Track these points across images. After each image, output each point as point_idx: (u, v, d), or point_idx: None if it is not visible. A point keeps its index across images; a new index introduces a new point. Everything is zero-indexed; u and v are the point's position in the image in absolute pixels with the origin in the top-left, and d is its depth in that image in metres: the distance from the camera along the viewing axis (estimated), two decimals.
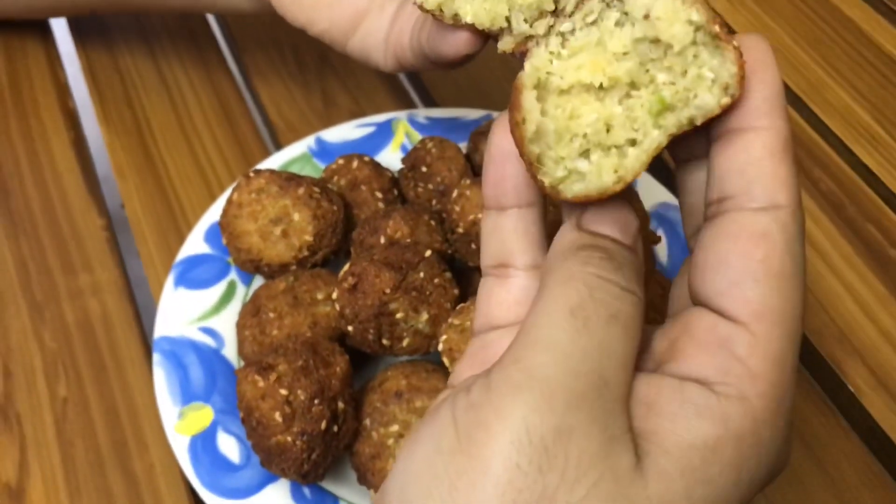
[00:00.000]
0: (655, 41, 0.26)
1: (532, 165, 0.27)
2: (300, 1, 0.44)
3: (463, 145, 0.50)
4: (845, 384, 0.46)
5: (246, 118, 0.56)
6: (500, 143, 0.28)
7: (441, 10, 0.31)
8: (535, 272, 0.29)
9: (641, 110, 0.26)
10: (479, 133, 0.49)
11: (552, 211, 0.36)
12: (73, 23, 0.60)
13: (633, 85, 0.27)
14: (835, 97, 0.58)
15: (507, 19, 0.29)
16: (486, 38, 0.31)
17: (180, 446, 0.40)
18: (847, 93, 0.59)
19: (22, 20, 0.59)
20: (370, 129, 0.52)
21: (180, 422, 0.40)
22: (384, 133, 0.52)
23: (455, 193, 0.44)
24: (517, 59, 0.29)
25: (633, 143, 0.27)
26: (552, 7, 0.28)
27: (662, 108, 0.26)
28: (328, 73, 0.59)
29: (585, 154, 0.27)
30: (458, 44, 0.35)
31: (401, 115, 0.53)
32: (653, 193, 0.48)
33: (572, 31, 0.27)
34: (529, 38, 0.29)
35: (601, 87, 0.27)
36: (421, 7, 0.31)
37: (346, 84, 0.58)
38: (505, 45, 0.30)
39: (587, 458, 0.23)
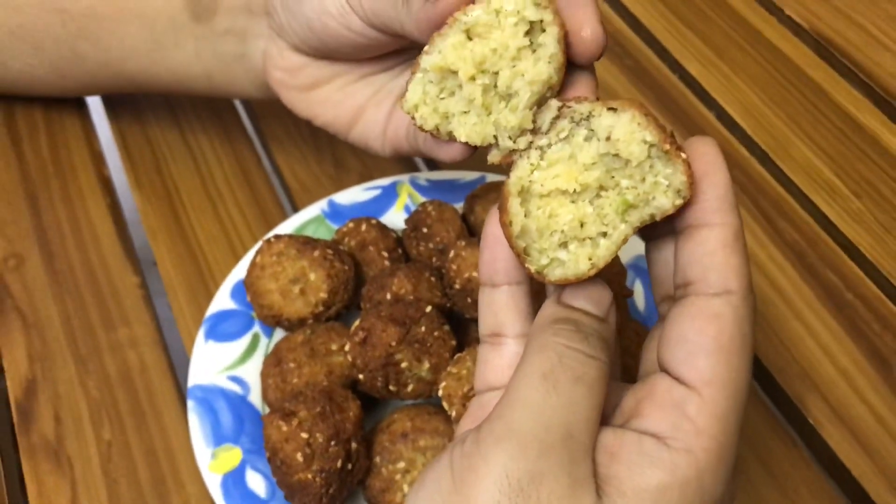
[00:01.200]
0: (617, 156, 0.31)
1: (520, 256, 0.32)
2: (306, 98, 0.50)
3: (459, 206, 0.55)
4: (806, 418, 0.51)
5: (264, 181, 0.62)
6: (492, 231, 0.34)
7: (438, 130, 0.36)
8: (524, 340, 0.34)
9: (609, 208, 0.32)
10: (474, 196, 0.55)
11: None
12: (105, 97, 0.66)
13: (602, 187, 0.32)
14: (798, 152, 0.64)
15: (495, 137, 0.35)
16: (475, 148, 0.36)
17: (214, 483, 0.45)
18: (809, 148, 0.64)
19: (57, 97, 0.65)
20: (377, 192, 0.58)
21: (213, 461, 0.46)
22: (389, 195, 0.58)
23: (452, 253, 0.49)
24: (504, 167, 0.35)
25: (603, 234, 0.32)
26: (531, 126, 0.34)
27: (627, 206, 0.32)
28: (338, 140, 0.64)
29: (564, 245, 0.32)
30: (453, 153, 0.42)
31: (404, 179, 0.59)
32: (630, 248, 0.54)
33: (549, 146, 0.33)
34: (514, 151, 0.35)
35: (574, 192, 0.32)
36: (420, 127, 0.36)
37: (354, 148, 0.63)
38: (493, 157, 0.35)
39: (555, 498, 0.28)
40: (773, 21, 0.73)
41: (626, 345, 0.47)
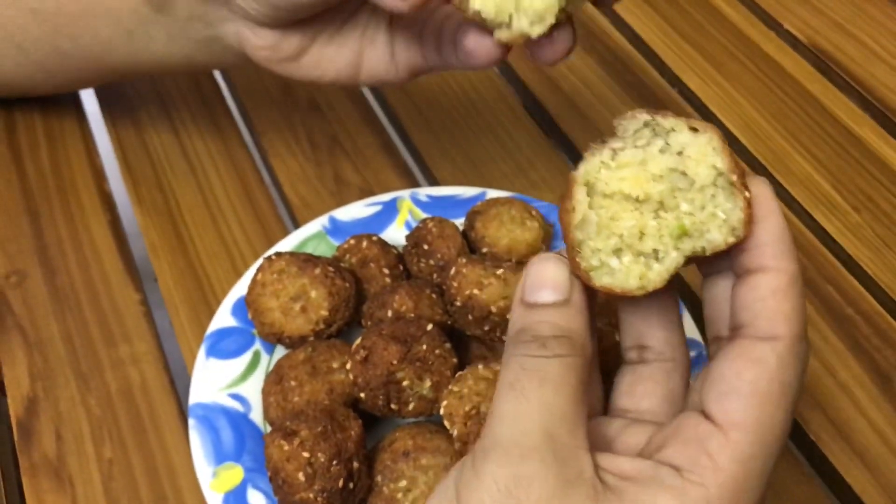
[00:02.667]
0: (684, 174, 0.31)
1: (572, 249, 0.32)
2: (300, 65, 0.52)
3: (460, 222, 0.55)
4: (807, 433, 0.51)
5: (265, 196, 0.62)
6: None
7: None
8: None
9: (665, 230, 0.32)
10: (475, 212, 0.55)
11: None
12: (106, 111, 0.67)
13: (662, 205, 0.32)
14: (797, 166, 0.64)
15: (510, 17, 0.33)
16: (507, 49, 0.35)
17: (215, 502, 0.45)
18: (808, 162, 0.64)
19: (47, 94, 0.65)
20: (377, 208, 0.58)
21: (214, 480, 0.46)
22: (390, 211, 0.58)
23: (453, 270, 0.49)
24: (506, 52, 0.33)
25: (656, 255, 0.32)
26: (553, 20, 0.33)
27: (682, 233, 0.31)
28: (339, 154, 0.65)
29: (618, 253, 0.32)
30: (481, 49, 0.41)
31: (404, 195, 0.59)
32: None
33: (622, 149, 0.33)
34: (523, 35, 0.33)
35: (637, 199, 0.32)
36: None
37: (355, 163, 0.64)
38: (501, 34, 0.34)
39: (545, 498, 0.29)
40: (773, 35, 0.74)
41: (611, 368, 0.47)
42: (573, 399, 0.30)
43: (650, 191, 0.32)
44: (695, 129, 0.32)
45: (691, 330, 0.51)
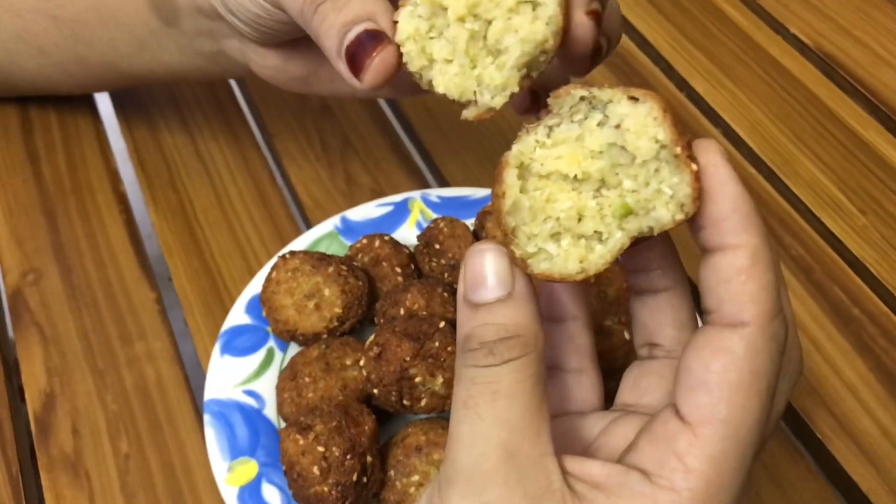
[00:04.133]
0: (624, 149, 0.29)
1: (507, 236, 0.30)
2: (312, 86, 0.52)
3: (470, 222, 0.56)
4: (813, 431, 0.52)
5: (278, 197, 0.63)
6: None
7: (420, 76, 0.34)
8: (579, 374, 0.35)
9: (608, 210, 0.29)
10: (485, 212, 0.56)
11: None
12: (121, 113, 0.68)
13: (604, 183, 0.29)
14: (803, 169, 0.65)
15: (475, 93, 0.33)
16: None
17: (230, 496, 0.46)
18: (814, 165, 0.65)
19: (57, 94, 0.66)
20: (389, 209, 0.59)
21: (229, 474, 0.46)
22: (401, 211, 0.59)
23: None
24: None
25: (599, 239, 0.29)
26: (516, 88, 0.32)
27: (626, 212, 0.29)
28: (350, 156, 0.65)
29: (556, 237, 0.29)
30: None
31: (415, 195, 0.60)
32: None
33: (558, 125, 0.30)
34: (491, 109, 0.33)
35: (575, 178, 0.29)
36: (404, 65, 0.34)
37: (366, 165, 0.65)
38: (469, 114, 0.34)
39: None
40: (779, 40, 0.74)
41: (620, 366, 0.47)
42: (530, 405, 0.29)
43: (589, 168, 0.29)
44: (635, 99, 0.29)
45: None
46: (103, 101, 0.68)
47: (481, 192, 0.60)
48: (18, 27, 0.58)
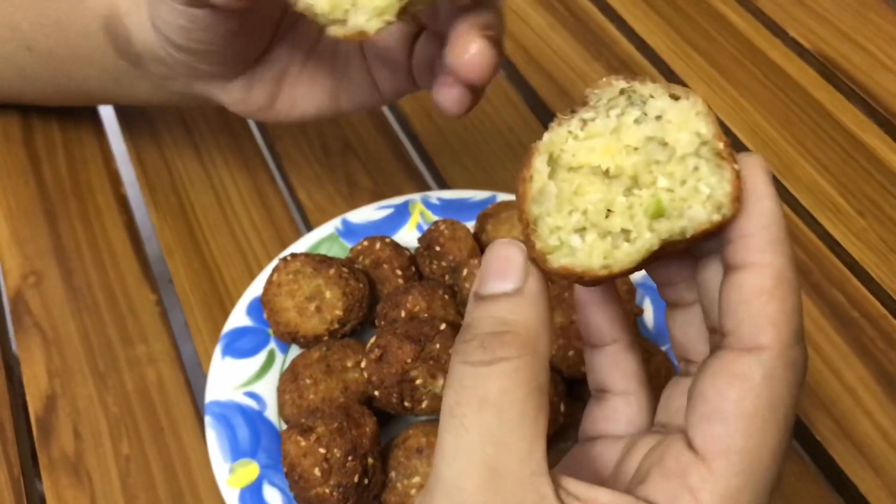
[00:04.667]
0: (664, 144, 0.27)
1: (528, 226, 0.28)
2: (279, 110, 0.51)
3: (471, 224, 0.56)
4: (813, 434, 0.52)
5: (278, 200, 0.63)
6: (580, 296, 0.33)
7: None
8: (628, 397, 0.33)
9: (639, 209, 0.27)
10: (486, 215, 0.56)
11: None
12: (122, 117, 0.68)
13: (636, 182, 0.28)
14: (803, 172, 0.65)
15: (346, 12, 0.31)
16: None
17: (231, 498, 0.46)
18: (814, 168, 0.65)
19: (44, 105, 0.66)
20: (389, 211, 0.59)
21: (231, 476, 0.46)
22: (402, 214, 0.59)
23: (465, 272, 0.51)
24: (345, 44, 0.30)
25: (627, 235, 0.28)
26: (392, 18, 0.31)
27: (658, 211, 0.27)
28: (351, 159, 0.66)
29: (581, 232, 0.28)
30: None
31: (416, 198, 0.60)
32: None
33: (594, 119, 0.28)
34: (362, 33, 0.30)
35: (607, 174, 0.28)
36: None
37: (367, 168, 0.65)
38: (335, 31, 0.31)
39: None
40: (778, 43, 0.75)
41: None
42: (522, 418, 0.26)
43: (623, 163, 0.28)
44: (676, 97, 0.27)
45: None
46: (104, 106, 0.68)
47: (482, 195, 0.60)
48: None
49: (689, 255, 0.31)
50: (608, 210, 0.28)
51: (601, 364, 0.33)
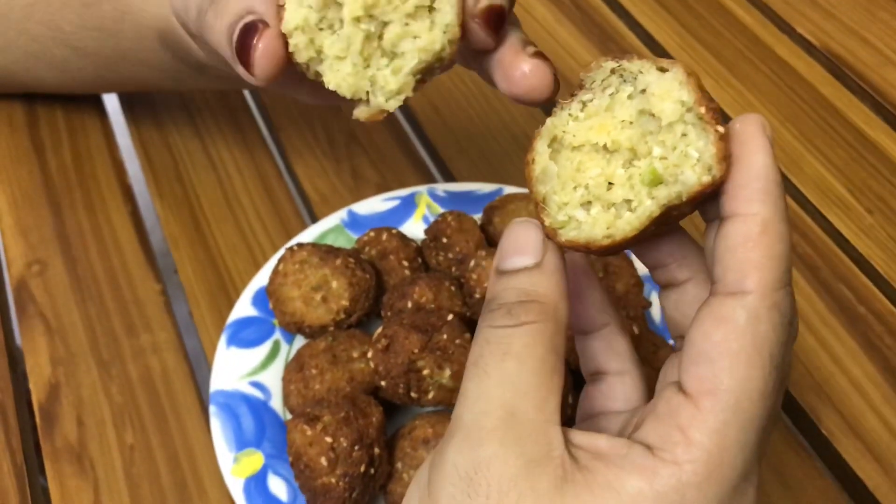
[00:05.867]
0: (654, 115, 0.29)
1: (538, 205, 0.30)
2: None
3: (478, 217, 0.56)
4: (820, 430, 0.51)
5: (284, 191, 0.63)
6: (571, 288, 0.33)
7: (307, 67, 0.33)
8: (623, 377, 0.34)
9: (638, 177, 0.29)
10: (492, 207, 0.56)
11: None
12: (126, 107, 0.68)
13: (635, 154, 0.29)
14: (811, 168, 0.65)
15: (367, 93, 0.32)
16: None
17: (236, 487, 0.45)
18: (821, 164, 0.65)
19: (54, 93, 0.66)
20: (395, 203, 0.59)
21: (235, 466, 0.46)
22: (408, 206, 0.59)
23: (472, 263, 0.50)
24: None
25: (629, 204, 0.29)
26: (410, 93, 0.32)
27: (655, 179, 0.29)
28: (356, 150, 0.65)
29: (587, 206, 0.30)
30: (311, 98, 0.38)
31: (422, 190, 0.60)
32: None
33: (591, 100, 0.30)
34: (383, 111, 0.32)
35: (606, 149, 0.30)
36: (290, 56, 0.33)
37: (372, 160, 0.65)
38: (360, 113, 0.33)
39: (507, 481, 0.27)
40: (786, 39, 0.74)
41: (643, 356, 0.47)
42: (540, 370, 0.28)
43: (619, 138, 0.29)
44: (663, 70, 0.29)
45: None
46: (109, 96, 0.68)
47: (488, 188, 0.60)
48: (36, 50, 0.59)
49: (680, 233, 0.32)
50: (609, 182, 0.29)
51: (595, 348, 0.34)
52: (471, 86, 0.70)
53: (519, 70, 0.33)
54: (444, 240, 0.53)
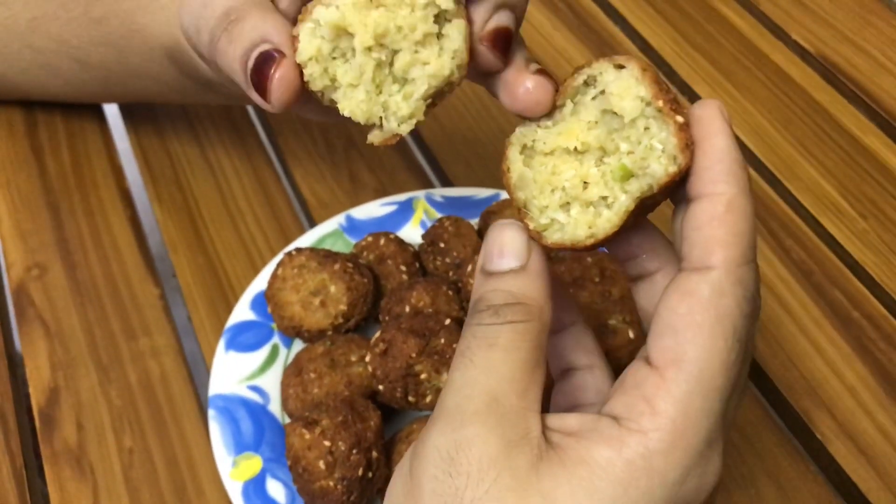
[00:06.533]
0: (616, 113, 0.30)
1: (520, 211, 0.32)
2: None
3: (475, 222, 0.56)
4: (814, 433, 0.52)
5: (282, 196, 0.63)
6: None
7: (322, 94, 0.34)
8: (592, 371, 0.36)
9: (610, 175, 0.30)
10: (489, 212, 0.56)
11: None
12: (125, 111, 0.68)
13: (605, 152, 0.31)
14: (804, 173, 0.65)
15: (380, 118, 0.33)
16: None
17: (235, 491, 0.46)
18: (815, 169, 0.65)
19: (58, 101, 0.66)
20: (393, 208, 0.59)
21: (234, 469, 0.47)
22: (406, 210, 0.59)
23: (469, 268, 0.51)
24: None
25: (606, 202, 0.30)
26: (422, 118, 0.33)
27: (626, 174, 0.30)
28: (354, 155, 0.66)
29: (566, 207, 0.31)
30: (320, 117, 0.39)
31: (419, 195, 0.60)
32: None
33: (561, 106, 0.32)
34: (397, 135, 0.33)
35: (577, 151, 0.31)
36: (305, 85, 0.34)
37: (370, 164, 0.65)
38: (374, 138, 0.34)
39: (486, 461, 0.28)
40: (781, 45, 0.75)
41: (625, 364, 0.48)
42: (524, 363, 0.30)
43: (587, 139, 0.31)
44: (621, 67, 0.30)
45: None
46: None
47: (485, 193, 0.60)
48: (41, 62, 0.59)
49: (649, 227, 0.33)
50: (584, 182, 0.31)
51: (564, 345, 0.36)
52: (468, 92, 0.70)
53: (522, 87, 0.33)
54: (442, 244, 0.53)
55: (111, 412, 0.51)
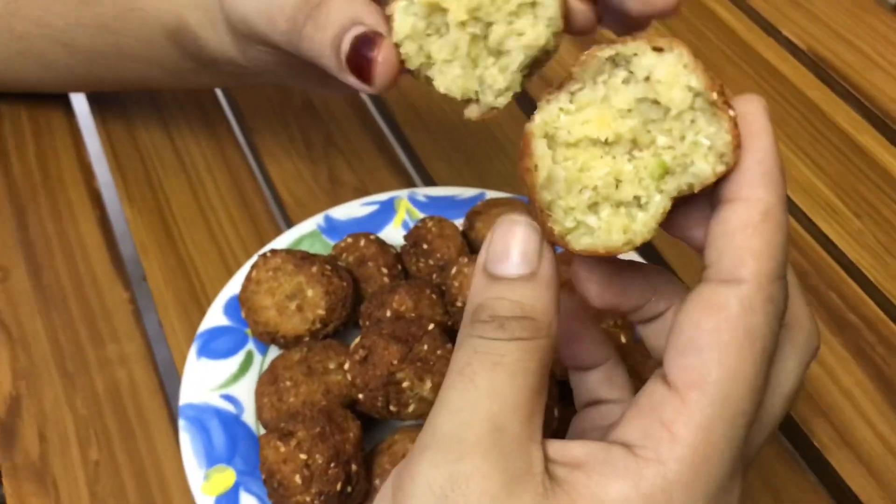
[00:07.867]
0: (656, 103, 0.27)
1: (542, 212, 0.28)
2: None
3: (459, 222, 0.54)
4: (812, 441, 0.50)
5: (258, 196, 0.61)
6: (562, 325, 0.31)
7: (418, 72, 0.34)
8: (621, 405, 0.33)
9: (645, 172, 0.27)
10: (475, 213, 0.54)
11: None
12: (95, 107, 0.65)
13: (636, 143, 0.27)
14: (798, 173, 0.63)
15: (476, 92, 0.33)
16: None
17: None
18: (809, 169, 0.64)
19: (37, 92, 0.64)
20: (374, 207, 0.57)
21: (206, 483, 0.44)
22: (387, 210, 0.57)
23: (454, 270, 0.48)
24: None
25: (638, 204, 0.27)
26: (518, 89, 0.32)
27: (663, 171, 0.27)
28: (334, 153, 0.63)
29: (594, 208, 0.28)
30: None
31: (402, 194, 0.58)
32: None
33: (581, 89, 0.28)
34: (494, 109, 0.33)
35: (605, 142, 0.28)
36: (402, 63, 0.34)
37: (350, 163, 0.63)
38: (471, 113, 0.33)
39: (488, 498, 0.25)
40: (772, 42, 0.73)
41: (631, 366, 0.46)
42: (530, 387, 0.27)
43: (619, 129, 0.27)
44: (660, 49, 0.27)
45: None
46: (77, 95, 0.66)
47: (470, 192, 0.58)
48: (21, 48, 0.56)
49: (643, 270, 0.30)
50: (617, 180, 0.28)
51: (595, 381, 0.33)
52: None
53: None
54: (425, 246, 0.51)
55: (76, 423, 0.49)
